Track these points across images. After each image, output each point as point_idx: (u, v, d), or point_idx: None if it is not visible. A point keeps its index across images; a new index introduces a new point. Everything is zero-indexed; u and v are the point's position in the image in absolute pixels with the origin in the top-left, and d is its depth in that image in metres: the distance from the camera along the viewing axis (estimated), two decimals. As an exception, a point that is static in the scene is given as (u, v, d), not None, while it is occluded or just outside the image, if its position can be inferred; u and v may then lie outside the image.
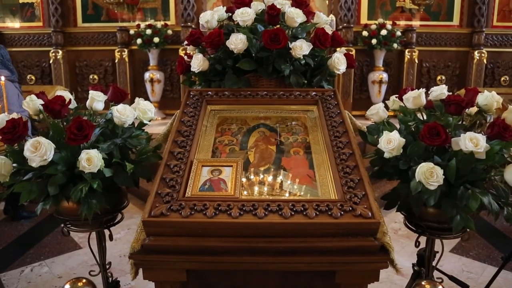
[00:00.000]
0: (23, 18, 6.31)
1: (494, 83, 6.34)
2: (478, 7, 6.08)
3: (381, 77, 5.95)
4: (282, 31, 1.54)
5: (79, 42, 6.29)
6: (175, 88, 6.25)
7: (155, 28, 5.74)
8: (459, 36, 6.26)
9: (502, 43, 6.29)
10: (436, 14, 6.27)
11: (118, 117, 1.42)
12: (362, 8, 6.15)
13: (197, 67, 1.65)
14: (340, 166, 1.27)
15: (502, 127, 1.31)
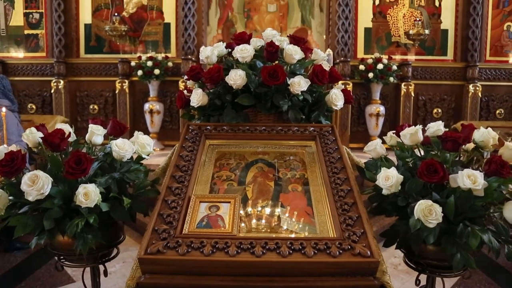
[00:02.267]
0: (27, 48, 6.42)
1: (489, 115, 6.41)
2: (471, 43, 6.24)
3: (378, 110, 6.02)
4: (281, 67, 1.57)
5: (81, 73, 6.37)
6: (175, 119, 6.30)
7: (156, 60, 5.84)
8: (453, 70, 6.39)
9: (495, 77, 6.41)
10: (430, 49, 6.42)
11: (117, 152, 1.42)
12: (358, 43, 6.31)
13: (197, 101, 1.67)
14: (338, 203, 1.27)
15: (499, 164, 1.32)
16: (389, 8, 6.33)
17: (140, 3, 6.32)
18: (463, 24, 6.34)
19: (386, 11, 6.33)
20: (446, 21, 6.39)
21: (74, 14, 6.35)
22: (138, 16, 6.33)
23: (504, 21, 6.42)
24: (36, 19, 6.39)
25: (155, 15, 6.33)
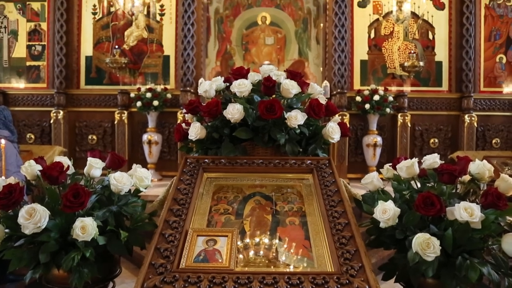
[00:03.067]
0: (29, 79, 6.52)
1: (486, 145, 6.46)
2: (465, 74, 6.36)
3: (375, 141, 6.06)
4: (278, 102, 1.60)
5: (80, 103, 6.44)
6: (173, 150, 6.32)
7: (155, 91, 5.92)
8: (449, 100, 6.48)
9: (490, 107, 6.50)
10: (425, 80, 6.54)
11: (115, 185, 1.43)
12: (354, 75, 6.43)
13: (195, 135, 1.69)
14: (336, 237, 1.27)
15: (496, 196, 1.33)
16: (384, 41, 6.50)
17: (140, 36, 6.47)
18: (456, 56, 6.48)
19: (381, 44, 6.50)
20: (440, 53, 6.55)
21: (76, 47, 6.49)
22: (138, 48, 6.47)
23: (496, 53, 6.57)
24: (38, 51, 6.53)
25: (155, 48, 6.47)
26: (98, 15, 6.50)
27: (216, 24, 7.29)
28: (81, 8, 6.54)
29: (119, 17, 6.48)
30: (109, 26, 6.48)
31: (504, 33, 6.58)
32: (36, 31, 6.55)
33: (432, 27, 6.54)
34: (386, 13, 6.50)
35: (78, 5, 6.53)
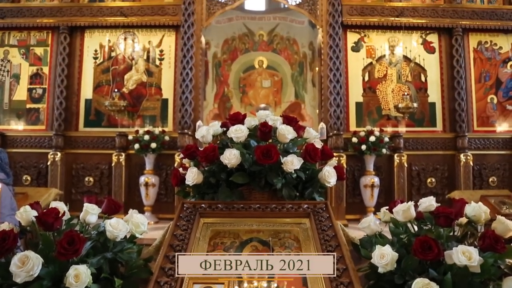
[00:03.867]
0: (28, 121, 6.59)
1: (483, 183, 6.47)
2: (458, 114, 6.48)
3: (372, 181, 6.06)
4: (274, 147, 1.62)
5: (78, 145, 6.47)
6: (170, 192, 6.28)
7: (153, 134, 5.98)
8: (444, 140, 6.55)
9: (485, 146, 6.57)
10: (420, 120, 6.64)
11: (111, 231, 1.42)
12: (350, 116, 6.54)
13: (192, 180, 1.70)
14: (334, 283, 1.25)
15: (493, 239, 1.32)
16: (378, 84, 6.66)
17: (140, 80, 6.62)
18: (449, 97, 6.63)
19: (376, 86, 6.66)
20: (433, 94, 6.70)
21: (76, 90, 6.61)
22: (137, 92, 6.59)
23: (487, 94, 6.74)
24: (39, 94, 6.64)
25: (153, 91, 6.60)
26: (99, 59, 6.68)
27: (214, 68, 7.50)
28: (82, 53, 6.72)
29: (120, 61, 6.65)
30: (109, 70, 6.64)
31: (493, 75, 6.77)
32: (37, 75, 6.69)
33: (424, 70, 6.72)
34: (379, 57, 6.72)
35: (80, 50, 6.71)
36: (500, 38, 6.85)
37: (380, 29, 6.71)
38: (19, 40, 6.78)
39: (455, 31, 6.66)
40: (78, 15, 6.63)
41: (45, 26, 6.72)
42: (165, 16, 6.58)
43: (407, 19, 6.61)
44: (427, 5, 6.76)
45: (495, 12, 6.75)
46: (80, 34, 6.74)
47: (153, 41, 6.69)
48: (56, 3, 6.76)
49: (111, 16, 6.60)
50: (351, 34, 6.71)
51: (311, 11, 6.73)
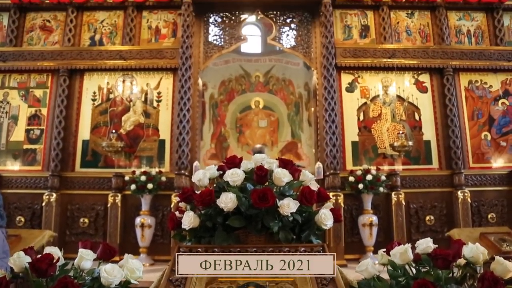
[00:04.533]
0: (24, 162, 6.56)
1: (482, 220, 6.41)
2: (453, 151, 6.53)
3: (371, 220, 6.01)
4: (270, 190, 1.63)
5: (74, 186, 6.43)
6: (166, 233, 6.19)
7: (150, 175, 5.97)
8: (440, 177, 6.57)
9: (482, 183, 6.57)
10: (416, 158, 6.69)
11: (106, 278, 1.40)
12: (346, 155, 6.58)
13: (188, 224, 1.69)
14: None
15: (492, 281, 1.32)
16: (373, 123, 6.76)
17: (137, 121, 6.69)
18: (443, 135, 6.71)
19: (371, 126, 6.75)
20: (428, 132, 6.78)
21: (74, 131, 6.65)
22: (134, 133, 6.64)
23: (480, 131, 6.83)
24: (37, 135, 6.66)
25: (151, 132, 6.65)
26: (98, 101, 6.78)
27: (211, 108, 7.62)
28: (81, 94, 6.82)
29: (118, 103, 6.75)
30: (107, 112, 6.72)
31: (485, 112, 6.90)
32: (36, 116, 6.74)
33: (417, 109, 6.85)
34: (373, 97, 6.86)
35: (79, 92, 6.82)
36: (490, 77, 7.03)
37: (373, 70, 6.90)
38: (19, 82, 6.90)
39: (446, 71, 6.84)
40: (78, 58, 6.79)
41: (45, 69, 6.85)
42: (163, 60, 6.76)
43: (399, 60, 6.81)
44: (418, 46, 6.98)
45: (483, 52, 6.97)
46: (79, 76, 6.87)
47: (151, 83, 6.83)
48: (57, 47, 6.93)
49: (110, 60, 6.77)
50: (345, 75, 6.88)
51: (305, 53, 6.94)
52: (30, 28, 7.12)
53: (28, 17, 7.17)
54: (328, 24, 6.53)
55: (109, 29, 7.03)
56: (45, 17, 7.15)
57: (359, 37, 7.05)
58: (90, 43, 6.99)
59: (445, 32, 7.01)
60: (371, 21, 7.11)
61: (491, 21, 7.23)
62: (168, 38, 6.97)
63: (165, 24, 7.01)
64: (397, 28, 7.12)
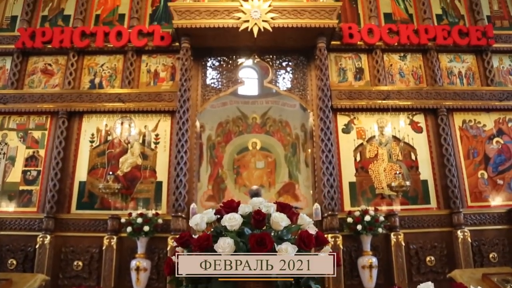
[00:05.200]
0: (19, 203, 6.49)
1: (483, 260, 6.29)
2: (451, 191, 6.52)
3: (370, 262, 5.90)
4: (268, 235, 1.62)
5: (69, 228, 6.32)
6: (161, 277, 6.02)
7: (146, 217, 5.91)
8: (439, 217, 6.52)
9: (481, 222, 6.51)
10: (414, 198, 6.67)
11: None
12: (344, 196, 6.56)
13: (185, 270, 1.67)
14: None
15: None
16: (370, 163, 6.79)
17: (134, 163, 6.70)
18: (440, 175, 6.73)
19: (368, 166, 6.78)
20: (424, 172, 6.81)
21: (71, 173, 6.65)
22: (132, 174, 6.64)
23: (477, 169, 6.86)
24: (33, 176, 6.65)
25: (148, 174, 6.65)
26: (95, 143, 6.81)
27: (208, 150, 7.66)
28: (79, 136, 6.87)
29: (115, 145, 6.79)
30: (105, 153, 6.74)
31: (480, 151, 6.96)
32: (33, 157, 6.75)
33: (413, 149, 6.91)
34: (369, 138, 6.93)
35: (77, 133, 6.87)
36: (483, 116, 7.15)
37: (368, 111, 7.01)
38: (18, 124, 6.96)
39: (440, 111, 6.96)
40: (78, 101, 6.89)
41: (45, 111, 6.93)
42: (161, 102, 6.87)
43: (393, 102, 6.95)
44: (411, 88, 7.15)
45: (475, 93, 7.13)
46: (78, 118, 6.95)
47: (149, 126, 6.90)
48: (57, 90, 7.06)
49: (109, 102, 6.88)
50: (341, 117, 6.99)
51: (301, 96, 7.09)
52: (32, 71, 7.28)
53: (30, 60, 7.35)
54: (323, 67, 6.70)
55: (109, 73, 7.20)
56: (47, 61, 7.33)
57: (354, 79, 7.23)
58: (90, 86, 7.13)
59: (437, 74, 7.20)
60: (365, 63, 7.32)
61: (481, 62, 7.45)
62: (166, 81, 7.14)
63: (164, 68, 7.19)
64: (391, 70, 7.32)
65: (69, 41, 7.13)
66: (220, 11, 6.52)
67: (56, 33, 7.18)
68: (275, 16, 6.49)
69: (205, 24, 6.47)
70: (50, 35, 7.18)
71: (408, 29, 7.34)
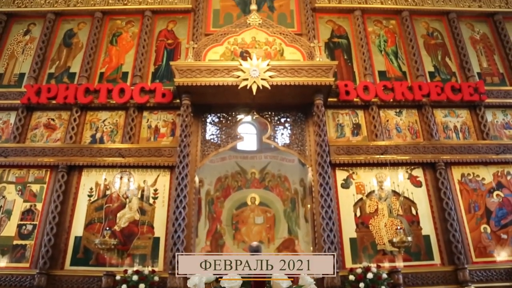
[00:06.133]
0: (12, 258, 6.33)
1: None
2: (454, 246, 6.40)
3: (375, 323, 5.66)
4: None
5: (62, 285, 6.12)
6: (156, 339, 5.76)
7: (142, 274, 5.74)
8: (444, 274, 6.33)
9: (488, 278, 6.33)
10: (416, 254, 6.53)
11: None
12: (345, 253, 6.41)
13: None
14: None
15: None
16: (370, 219, 6.72)
17: (132, 218, 6.63)
18: (442, 229, 6.65)
19: (368, 222, 6.70)
20: (426, 227, 6.73)
21: (67, 227, 6.56)
22: (129, 230, 6.54)
23: (479, 223, 6.78)
24: (28, 230, 6.54)
25: (145, 230, 6.56)
26: (94, 197, 6.78)
27: (207, 205, 7.61)
28: (78, 190, 6.85)
29: (114, 199, 6.75)
30: (102, 208, 6.68)
31: (481, 205, 6.91)
32: (30, 211, 6.69)
33: (414, 203, 6.87)
34: (369, 193, 6.91)
35: (76, 188, 6.85)
36: (481, 169, 7.17)
37: (367, 166, 7.05)
38: (18, 177, 6.96)
39: (438, 165, 7.00)
40: (78, 155, 6.95)
41: (45, 165, 6.96)
42: (161, 158, 6.93)
43: (391, 156, 7.02)
44: (408, 143, 7.24)
45: (472, 146, 7.22)
46: (77, 172, 6.96)
47: (148, 181, 6.90)
48: (59, 144, 7.14)
49: (109, 157, 6.93)
50: (340, 172, 7.01)
51: (300, 151, 7.16)
52: (35, 126, 7.41)
53: (34, 115, 7.51)
54: (321, 123, 6.82)
55: (110, 128, 7.32)
56: (50, 116, 7.48)
57: (352, 134, 7.36)
58: (91, 140, 7.23)
59: (433, 128, 7.34)
60: (362, 119, 7.49)
61: (475, 117, 7.62)
62: (166, 137, 7.25)
63: (164, 124, 7.34)
64: (387, 126, 7.47)
65: (73, 97, 7.33)
66: (220, 69, 6.76)
67: (61, 90, 7.40)
68: (273, 74, 6.71)
69: (205, 82, 6.68)
70: (55, 91, 7.40)
71: (402, 86, 7.59)
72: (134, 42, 8.20)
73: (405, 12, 8.65)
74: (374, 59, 8.11)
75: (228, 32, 7.45)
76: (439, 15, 8.83)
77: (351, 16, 8.63)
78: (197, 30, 8.21)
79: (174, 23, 8.47)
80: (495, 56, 8.44)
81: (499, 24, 8.75)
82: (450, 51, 8.37)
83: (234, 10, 8.61)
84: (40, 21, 8.54)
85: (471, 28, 8.79)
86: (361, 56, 8.05)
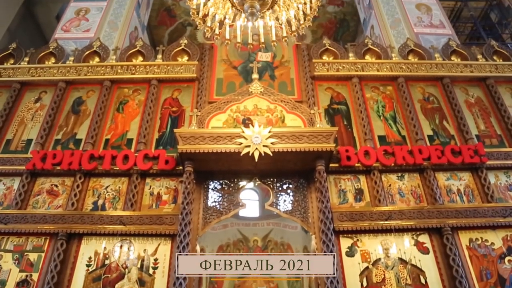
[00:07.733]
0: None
1: None
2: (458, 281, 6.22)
3: None
4: None
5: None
6: None
7: None
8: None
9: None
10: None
11: None
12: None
13: None
14: None
15: None
16: (376, 289, 6.46)
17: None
18: (453, 299, 6.34)
19: (374, 296, 6.44)
20: (435, 296, 6.41)
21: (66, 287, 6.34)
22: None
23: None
24: (24, 286, 6.32)
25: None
26: (92, 267, 6.59)
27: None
28: (76, 259, 6.68)
29: (112, 269, 6.56)
30: (100, 279, 6.47)
31: (494, 272, 6.64)
32: (25, 281, 6.48)
33: (422, 271, 6.61)
34: (375, 261, 6.67)
35: (75, 257, 6.70)
36: (490, 234, 6.98)
37: (371, 233, 6.90)
38: (16, 245, 6.83)
39: (444, 230, 6.84)
40: (79, 222, 6.87)
41: (44, 232, 6.85)
42: (162, 226, 6.83)
43: (396, 222, 6.88)
44: (412, 207, 7.14)
45: (477, 210, 7.07)
46: (77, 240, 6.84)
47: (148, 249, 6.75)
48: (60, 211, 7.09)
49: (110, 224, 6.84)
50: (344, 239, 6.84)
51: (303, 218, 7.06)
52: (38, 192, 7.41)
53: (38, 181, 7.53)
54: (323, 189, 6.80)
55: (112, 195, 7.32)
56: (54, 182, 7.51)
57: (354, 200, 7.29)
58: (93, 207, 7.19)
59: (437, 192, 7.26)
60: (364, 184, 7.45)
61: (478, 179, 7.55)
62: (168, 204, 7.20)
63: (167, 191, 7.33)
64: (390, 190, 7.42)
65: (78, 163, 7.39)
66: (222, 137, 6.88)
67: (66, 156, 7.48)
68: (275, 141, 6.81)
69: (208, 149, 6.77)
70: (61, 157, 7.47)
71: (402, 150, 7.64)
72: (140, 109, 8.44)
73: (400, 78, 8.94)
74: (374, 124, 8.26)
75: (231, 100, 7.68)
76: (433, 80, 9.11)
77: (349, 83, 8.92)
78: (201, 98, 8.48)
79: (179, 91, 8.77)
80: (491, 118, 8.57)
81: (491, 88, 8.99)
82: (447, 114, 8.53)
83: (237, 79, 8.95)
84: (51, 89, 8.86)
85: (465, 92, 9.03)
86: (361, 121, 8.21)
